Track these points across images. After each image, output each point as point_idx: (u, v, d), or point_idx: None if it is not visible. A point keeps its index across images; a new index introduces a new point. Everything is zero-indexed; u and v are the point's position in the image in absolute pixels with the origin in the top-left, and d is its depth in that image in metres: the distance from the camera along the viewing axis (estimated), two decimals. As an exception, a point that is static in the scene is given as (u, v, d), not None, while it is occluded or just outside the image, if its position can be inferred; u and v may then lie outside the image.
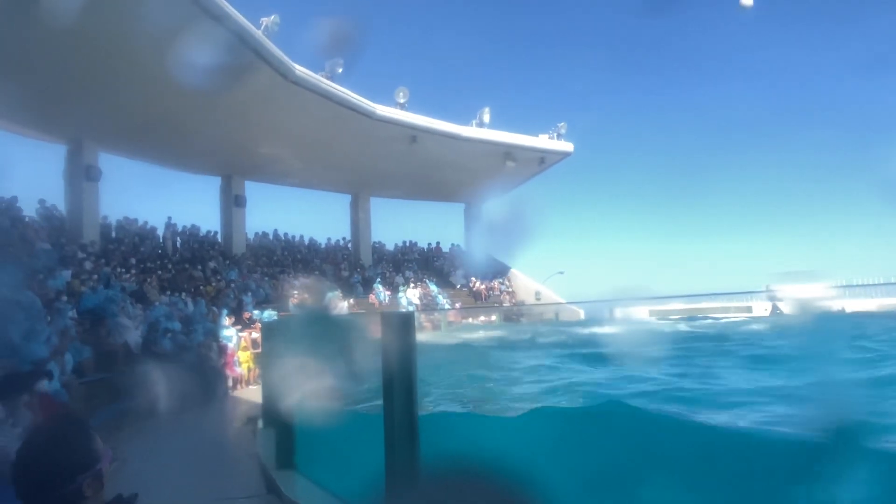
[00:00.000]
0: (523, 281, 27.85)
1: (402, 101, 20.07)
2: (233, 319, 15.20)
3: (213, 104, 15.03)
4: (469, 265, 26.93)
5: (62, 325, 9.74)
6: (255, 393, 10.87)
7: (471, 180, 24.65)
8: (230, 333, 14.17)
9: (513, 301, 26.60)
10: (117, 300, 12.41)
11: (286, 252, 23.57)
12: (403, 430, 3.49)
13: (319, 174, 22.74)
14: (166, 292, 15.09)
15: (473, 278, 26.38)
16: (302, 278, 20.90)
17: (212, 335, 13.66)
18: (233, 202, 21.33)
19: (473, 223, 28.02)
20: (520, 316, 24.80)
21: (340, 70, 17.28)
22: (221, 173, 21.25)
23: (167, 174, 21.02)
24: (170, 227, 19.74)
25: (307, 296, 19.19)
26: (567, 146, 24.36)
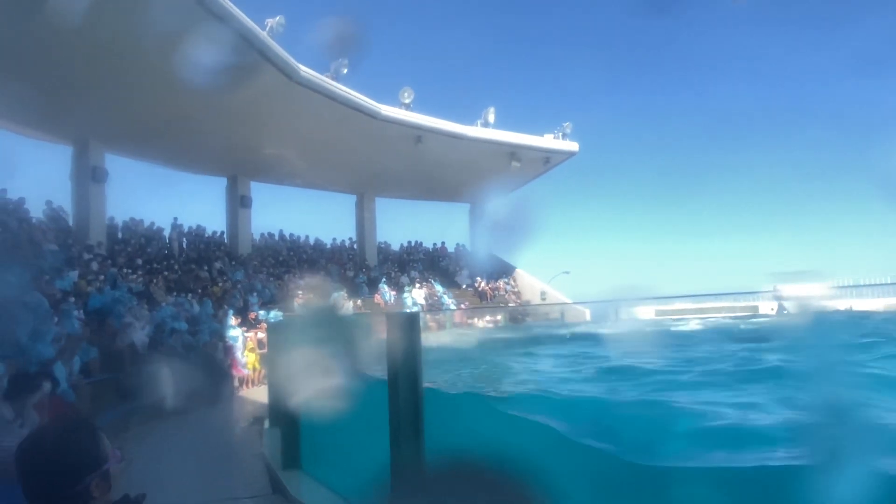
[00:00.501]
0: (529, 281, 27.82)
1: (407, 102, 20.06)
2: (239, 320, 15.24)
3: (219, 105, 15.07)
4: (474, 265, 26.91)
5: (71, 330, 9.79)
6: (262, 393, 10.90)
7: (476, 180, 24.63)
8: (236, 334, 14.22)
9: (518, 301, 26.57)
10: (124, 301, 12.47)
11: (292, 252, 23.61)
12: (409, 430, 3.50)
13: (325, 175, 22.77)
14: (173, 293, 15.16)
15: (479, 278, 26.37)
16: (307, 279, 20.94)
17: (218, 335, 13.71)
18: (238, 203, 21.38)
19: (478, 223, 28.00)
20: (525, 316, 24.77)
21: (345, 71, 17.31)
22: (227, 174, 21.31)
23: (173, 175, 21.10)
24: (176, 228, 19.81)
25: (312, 296, 19.23)
26: (572, 146, 24.30)
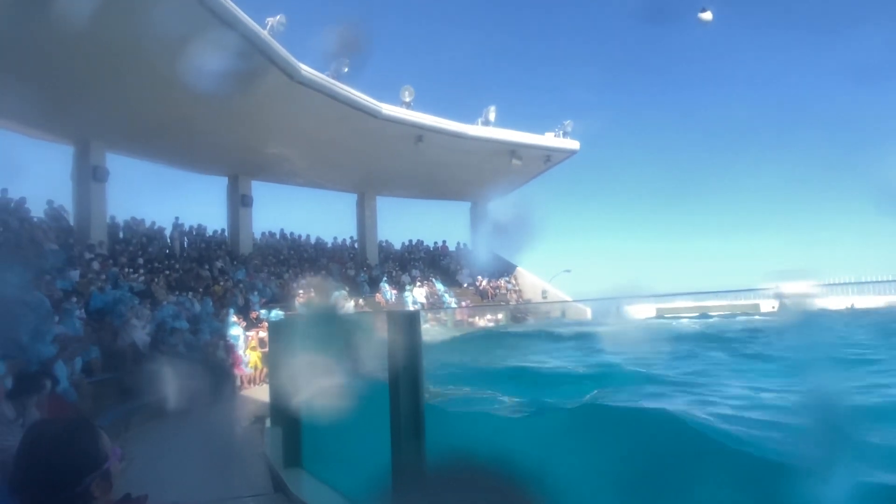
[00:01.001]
0: (530, 279, 27.80)
1: (408, 100, 20.05)
2: (241, 320, 15.23)
3: (220, 105, 15.05)
4: (475, 264, 26.91)
5: (73, 329, 9.80)
6: (263, 392, 10.91)
7: (477, 179, 24.63)
8: (237, 333, 14.22)
9: (519, 300, 26.56)
10: (125, 300, 12.48)
11: (293, 251, 23.62)
12: (410, 428, 3.49)
13: (326, 173, 22.77)
14: (174, 292, 15.16)
15: (480, 277, 26.36)
16: (309, 277, 20.95)
17: (219, 334, 13.72)
18: (239, 202, 21.39)
19: (479, 222, 28.00)
20: (526, 314, 24.76)
21: (346, 69, 17.30)
22: (228, 173, 21.32)
23: (174, 174, 21.15)
24: (177, 228, 19.83)
25: (314, 295, 19.24)
26: (573, 144, 24.28)
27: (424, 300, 23.00)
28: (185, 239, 20.02)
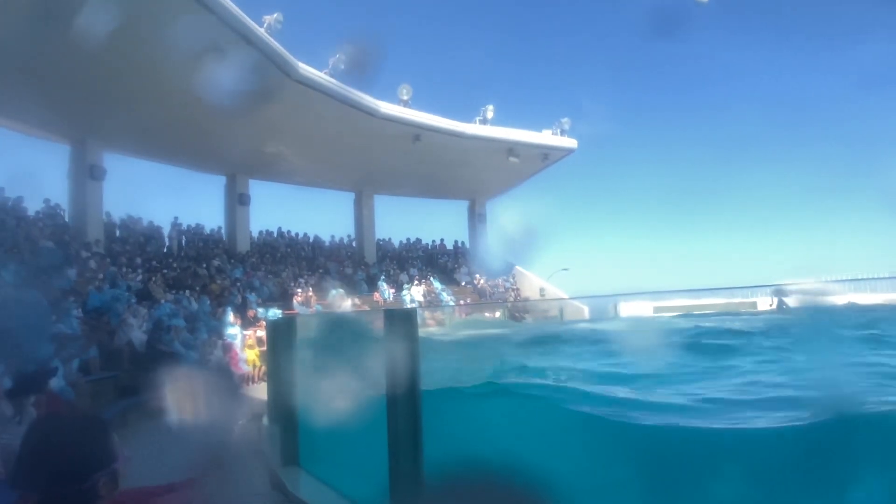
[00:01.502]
0: (528, 278, 27.80)
1: (406, 99, 20.03)
2: (239, 319, 15.21)
3: (217, 103, 15.01)
4: (473, 262, 26.92)
5: (70, 329, 9.78)
6: (262, 390, 10.88)
7: (474, 177, 24.61)
8: (234, 331, 14.20)
9: (517, 298, 26.54)
10: (123, 299, 12.46)
11: (290, 250, 23.59)
12: (407, 426, 3.49)
13: (323, 172, 22.74)
14: (171, 290, 15.13)
15: (478, 275, 26.36)
16: (306, 276, 20.94)
17: (216, 333, 13.69)
18: (237, 200, 21.36)
19: (477, 220, 28.03)
20: (524, 312, 24.75)
21: (343, 67, 17.26)
22: (226, 172, 21.27)
23: (171, 173, 21.04)
24: (175, 226, 19.79)
25: (311, 293, 19.23)
26: (571, 142, 24.27)
27: (422, 299, 22.98)
28: (183, 237, 19.98)
